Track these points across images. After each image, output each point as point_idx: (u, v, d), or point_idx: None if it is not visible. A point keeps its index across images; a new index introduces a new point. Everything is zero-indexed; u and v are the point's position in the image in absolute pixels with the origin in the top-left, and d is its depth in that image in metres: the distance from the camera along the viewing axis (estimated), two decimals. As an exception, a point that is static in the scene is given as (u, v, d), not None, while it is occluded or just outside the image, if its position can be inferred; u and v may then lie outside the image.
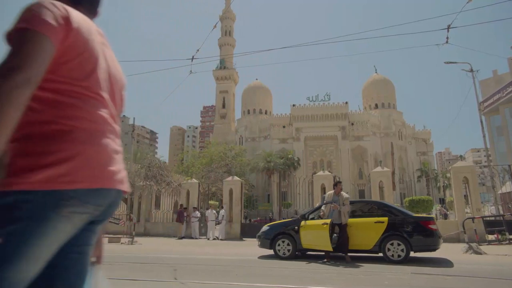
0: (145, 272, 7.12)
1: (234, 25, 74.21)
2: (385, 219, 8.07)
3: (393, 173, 19.70)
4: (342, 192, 8.36)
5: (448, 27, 8.36)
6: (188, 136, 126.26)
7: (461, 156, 19.14)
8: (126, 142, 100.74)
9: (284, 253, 8.69)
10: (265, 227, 9.50)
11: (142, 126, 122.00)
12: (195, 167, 42.06)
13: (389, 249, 7.77)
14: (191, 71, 12.40)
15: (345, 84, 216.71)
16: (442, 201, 44.67)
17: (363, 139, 53.34)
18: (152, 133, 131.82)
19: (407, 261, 7.57)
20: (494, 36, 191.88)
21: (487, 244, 10.88)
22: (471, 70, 19.02)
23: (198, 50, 11.21)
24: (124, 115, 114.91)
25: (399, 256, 7.65)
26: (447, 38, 9.12)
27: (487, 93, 35.82)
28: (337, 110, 53.51)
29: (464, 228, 10.59)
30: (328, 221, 8.25)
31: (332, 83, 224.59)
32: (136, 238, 15.26)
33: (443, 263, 7.70)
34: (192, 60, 11.07)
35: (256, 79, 68.25)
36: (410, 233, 7.76)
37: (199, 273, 7.05)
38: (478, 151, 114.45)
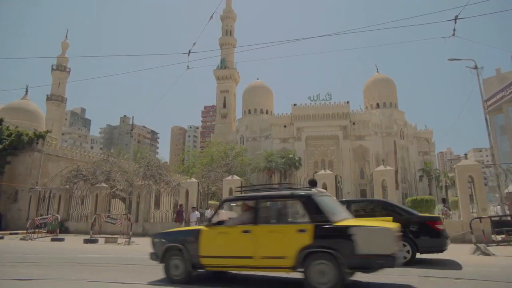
0: (138, 274, 6.79)
1: (235, 24, 73.89)
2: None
3: (396, 171, 19.32)
4: None
5: (456, 18, 7.98)
6: (189, 136, 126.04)
7: (465, 154, 18.74)
8: (126, 142, 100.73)
9: (284, 254, 8.34)
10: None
11: (143, 126, 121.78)
12: (195, 167, 41.79)
13: (394, 250, 7.40)
14: (188, 66, 12.10)
15: (346, 83, 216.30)
16: (444, 200, 44.32)
17: (365, 139, 52.89)
18: (153, 133, 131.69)
19: (413, 263, 7.22)
20: (498, 34, 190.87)
21: (495, 245, 10.50)
22: (476, 67, 18.57)
23: (194, 44, 10.82)
24: (125, 115, 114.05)
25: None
26: (454, 30, 8.73)
27: (490, 92, 35.35)
28: (338, 109, 53.08)
29: (471, 229, 10.22)
30: None
31: (333, 83, 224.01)
32: (133, 239, 14.94)
33: (451, 265, 7.34)
34: (189, 55, 10.77)
35: (257, 79, 67.85)
36: (416, 234, 7.40)
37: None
38: (480, 151, 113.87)
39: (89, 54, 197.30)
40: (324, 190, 6.90)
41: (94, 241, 14.48)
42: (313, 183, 8.22)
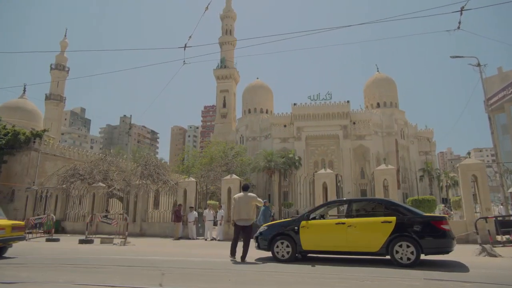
0: (129, 276, 6.49)
1: (235, 24, 73.53)
2: (393, 218, 7.40)
3: (397, 170, 18.93)
4: None
5: (462, 9, 7.65)
6: (189, 136, 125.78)
7: (468, 153, 18.29)
8: (126, 142, 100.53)
9: (283, 255, 8.05)
10: (262, 227, 8.86)
11: (143, 126, 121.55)
12: (195, 167, 41.50)
13: (397, 252, 7.10)
14: (184, 61, 11.78)
15: (347, 83, 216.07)
16: (444, 200, 43.98)
17: (365, 138, 52.55)
18: (153, 133, 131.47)
19: (417, 264, 6.92)
20: (500, 34, 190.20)
21: (502, 246, 10.18)
22: (478, 65, 18.27)
23: (190, 37, 10.48)
24: (124, 115, 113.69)
25: (408, 259, 6.98)
26: (459, 23, 8.38)
27: (492, 91, 35.00)
28: (338, 109, 52.74)
29: (476, 229, 9.90)
30: (344, 220, 7.82)
31: (333, 82, 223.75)
32: (129, 239, 14.63)
33: (457, 267, 7.03)
34: (184, 49, 10.43)
35: (257, 78, 67.55)
36: (421, 234, 7.08)
37: (189, 277, 6.41)
38: (481, 151, 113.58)
39: (89, 52, 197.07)
40: None
41: (90, 241, 14.17)
42: (245, 188, 8.94)
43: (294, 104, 53.80)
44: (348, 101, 53.12)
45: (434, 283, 5.53)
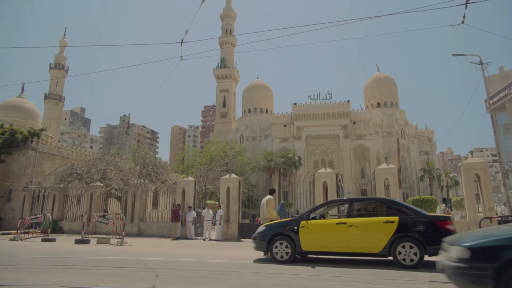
0: (122, 278, 6.25)
1: (235, 23, 73.26)
2: (396, 218, 7.17)
3: (399, 170, 18.72)
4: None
5: (467, 2, 7.40)
6: (189, 136, 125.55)
7: (471, 152, 18.16)
8: (126, 141, 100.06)
9: (282, 257, 7.81)
10: (261, 228, 8.62)
11: (143, 126, 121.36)
12: (195, 167, 41.30)
13: (400, 253, 6.87)
14: (181, 57, 11.53)
15: (347, 82, 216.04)
16: (445, 200, 43.78)
17: (365, 138, 52.30)
18: (153, 133, 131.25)
19: (420, 266, 6.69)
20: (503, 32, 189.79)
21: (506, 247, 9.93)
22: (481, 63, 18.02)
23: (187, 32, 10.23)
24: (124, 115, 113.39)
25: (411, 260, 6.76)
26: (464, 17, 8.13)
27: (493, 90, 34.75)
28: (338, 108, 52.48)
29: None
30: (345, 220, 7.59)
31: (334, 82, 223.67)
32: (127, 239, 14.42)
33: (462, 268, 6.79)
34: (181, 44, 10.19)
35: (257, 78, 67.44)
36: (424, 235, 6.86)
37: (184, 279, 6.18)
38: (481, 151, 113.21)
39: (88, 52, 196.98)
40: None
41: (86, 241, 13.93)
42: (271, 191, 10.37)
43: (294, 103, 53.57)
44: (348, 101, 52.90)
45: (440, 286, 5.30)
